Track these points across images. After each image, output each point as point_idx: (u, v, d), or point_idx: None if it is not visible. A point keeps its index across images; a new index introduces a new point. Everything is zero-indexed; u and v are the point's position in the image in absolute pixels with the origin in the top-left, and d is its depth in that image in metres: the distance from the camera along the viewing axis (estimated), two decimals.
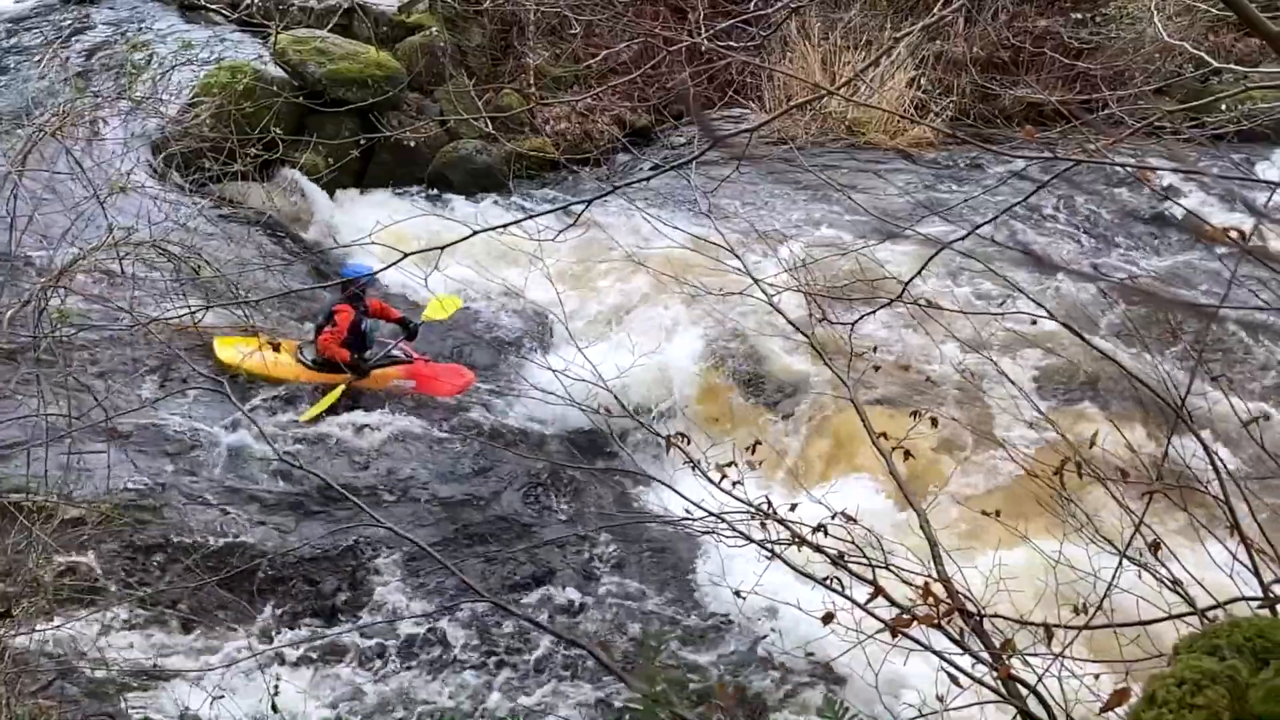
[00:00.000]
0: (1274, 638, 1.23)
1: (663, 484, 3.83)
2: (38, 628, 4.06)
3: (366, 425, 6.18)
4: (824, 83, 9.30)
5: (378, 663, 4.76)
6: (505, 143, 8.91)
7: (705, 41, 3.55)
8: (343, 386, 6.36)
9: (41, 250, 5.87)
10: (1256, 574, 2.47)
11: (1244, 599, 2.52)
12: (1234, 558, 2.57)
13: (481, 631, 4.86)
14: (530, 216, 2.91)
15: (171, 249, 5.45)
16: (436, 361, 6.89)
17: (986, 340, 6.25)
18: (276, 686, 4.50)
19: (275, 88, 7.83)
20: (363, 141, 8.00)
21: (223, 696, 4.04)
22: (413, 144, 9.11)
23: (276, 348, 5.37)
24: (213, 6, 10.82)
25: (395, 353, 6.68)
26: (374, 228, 3.03)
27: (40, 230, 5.27)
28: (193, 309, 4.51)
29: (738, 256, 3.90)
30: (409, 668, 4.74)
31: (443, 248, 2.71)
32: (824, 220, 8.20)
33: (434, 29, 10.11)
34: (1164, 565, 2.75)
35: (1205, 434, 2.73)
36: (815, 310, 3.71)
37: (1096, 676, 2.98)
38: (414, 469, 5.91)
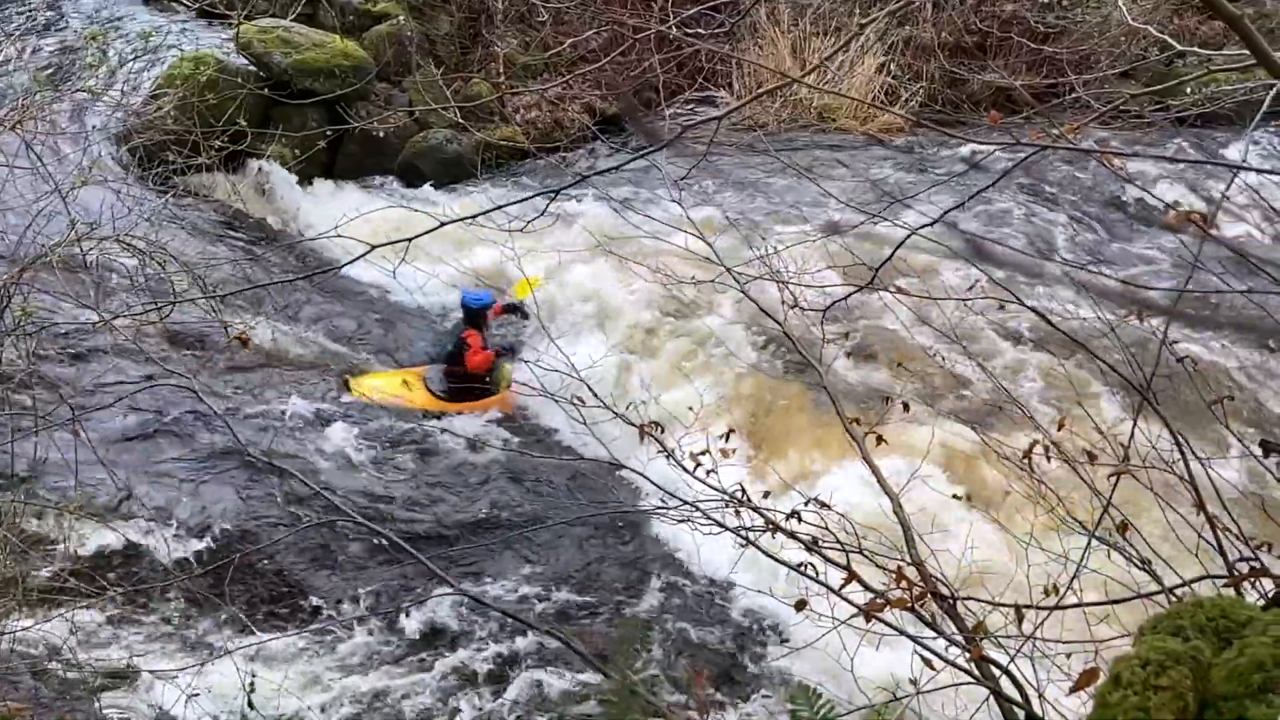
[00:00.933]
0: (1236, 617, 1.25)
1: (637, 474, 3.84)
2: (8, 628, 4.00)
3: (337, 423, 6.14)
4: (794, 69, 9.32)
5: (354, 658, 4.74)
6: (475, 132, 8.85)
7: (673, 29, 3.53)
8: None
9: (2, 247, 5.76)
10: (1221, 552, 2.51)
11: (1210, 577, 2.56)
12: (1199, 536, 2.61)
13: (458, 624, 4.85)
14: (499, 207, 2.89)
15: (136, 244, 5.36)
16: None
17: (957, 325, 6.29)
18: (253, 684, 4.48)
19: (239, 79, 7.73)
20: (330, 133, 7.91)
21: (199, 695, 4.00)
22: (381, 134, 9.03)
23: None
24: None
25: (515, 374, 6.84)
26: (340, 220, 3.00)
27: (0, 226, 5.18)
28: (159, 304, 4.45)
29: (709, 244, 3.89)
30: (386, 662, 4.73)
31: (410, 239, 2.68)
32: (795, 206, 8.22)
33: (401, 18, 10.01)
34: (1132, 546, 2.79)
35: (1171, 415, 2.77)
36: (787, 297, 3.71)
37: (1068, 656, 3.02)
38: (387, 464, 5.89)
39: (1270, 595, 2.16)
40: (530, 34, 10.32)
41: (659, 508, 3.71)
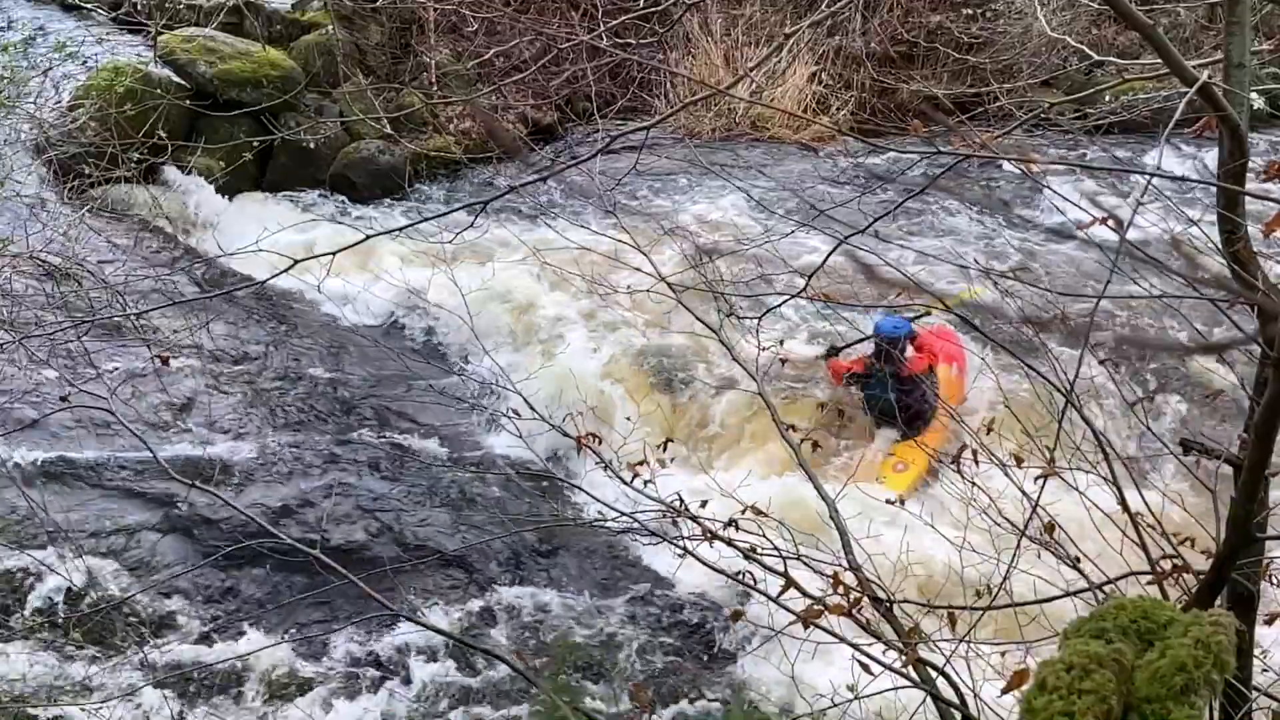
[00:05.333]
0: (1158, 618, 1.27)
1: (575, 486, 3.82)
2: None
3: (261, 442, 5.98)
4: (727, 78, 9.40)
5: (286, 683, 4.62)
6: (407, 144, 8.76)
7: (602, 38, 3.52)
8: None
9: None
10: (1144, 549, 2.57)
11: (1134, 573, 2.62)
12: (1124, 535, 2.67)
13: (391, 644, 4.75)
14: (425, 219, 2.85)
15: (52, 260, 5.20)
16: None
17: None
18: (181, 713, 4.34)
19: (159, 89, 7.53)
20: (256, 144, 7.74)
21: None
22: (312, 145, 8.87)
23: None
24: (89, 6, 10.35)
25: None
26: (262, 234, 2.93)
27: None
28: (75, 322, 4.30)
29: (644, 254, 3.89)
30: (318, 685, 4.61)
31: (334, 253, 2.62)
32: (729, 216, 8.28)
33: (330, 27, 9.85)
34: (1060, 545, 2.84)
35: (1094, 416, 2.83)
36: (722, 306, 3.72)
37: (1002, 655, 3.06)
38: (315, 482, 5.74)
39: (1190, 594, 2.21)
40: (462, 44, 10.24)
41: (597, 520, 3.69)
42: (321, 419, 6.32)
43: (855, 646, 2.67)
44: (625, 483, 3.31)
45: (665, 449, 3.75)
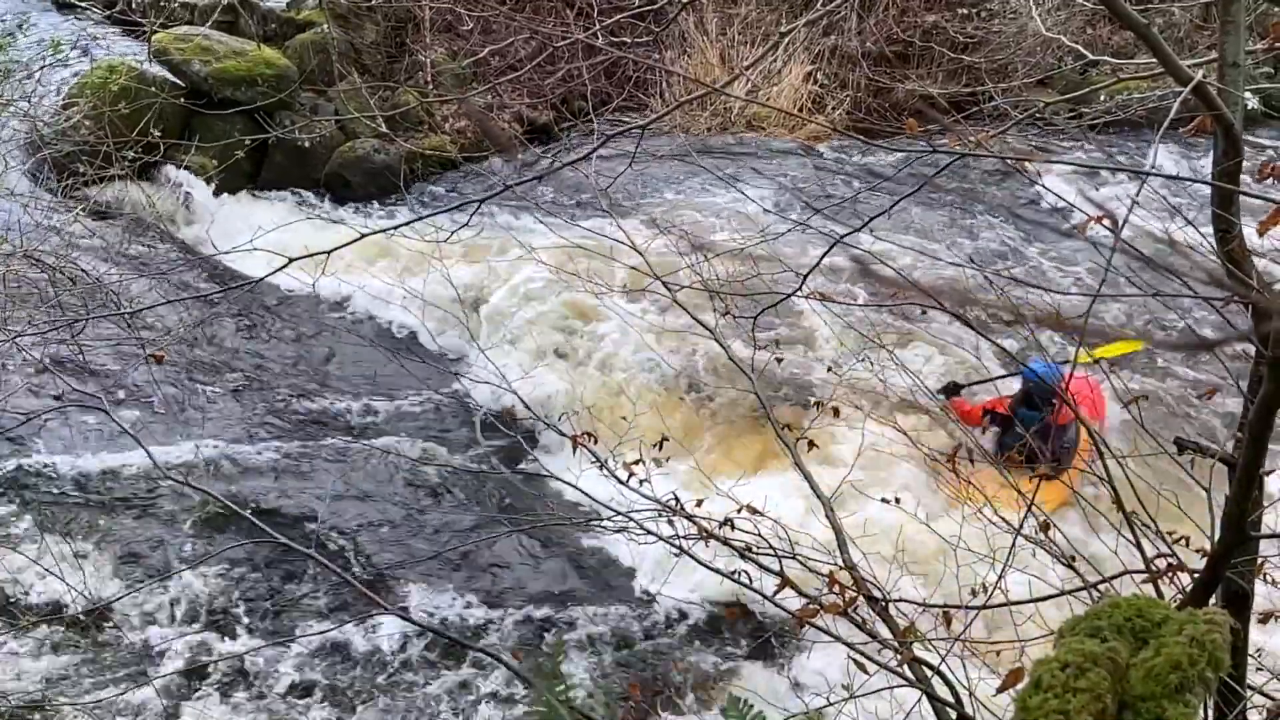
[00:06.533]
0: (1152, 617, 1.27)
1: (570, 485, 3.81)
2: None
3: (256, 442, 5.98)
4: (723, 77, 9.41)
5: (280, 682, 4.61)
6: (402, 142, 8.76)
7: (598, 37, 3.52)
8: None
9: None
10: (1139, 548, 2.57)
11: (1129, 572, 2.63)
12: (1119, 533, 2.67)
13: (386, 643, 4.75)
14: (421, 218, 2.85)
15: (45, 259, 5.18)
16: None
17: (883, 331, 6.38)
18: (178, 713, 4.34)
19: (153, 88, 7.51)
20: (248, 142, 7.73)
21: None
22: (307, 144, 8.86)
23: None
24: (84, 4, 10.32)
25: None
26: (256, 233, 2.92)
27: None
28: (69, 321, 4.29)
29: (639, 253, 3.88)
30: (312, 685, 4.61)
31: (329, 251, 2.62)
32: (724, 215, 8.27)
33: (325, 26, 9.83)
34: (1055, 544, 2.84)
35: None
36: (718, 305, 3.72)
37: (998, 654, 3.07)
38: (309, 482, 5.73)
39: (1185, 592, 2.22)
40: (457, 43, 10.23)
41: (592, 519, 3.69)
42: (318, 418, 6.31)
43: (850, 645, 2.67)
44: (621, 482, 3.31)
45: (661, 448, 3.74)
